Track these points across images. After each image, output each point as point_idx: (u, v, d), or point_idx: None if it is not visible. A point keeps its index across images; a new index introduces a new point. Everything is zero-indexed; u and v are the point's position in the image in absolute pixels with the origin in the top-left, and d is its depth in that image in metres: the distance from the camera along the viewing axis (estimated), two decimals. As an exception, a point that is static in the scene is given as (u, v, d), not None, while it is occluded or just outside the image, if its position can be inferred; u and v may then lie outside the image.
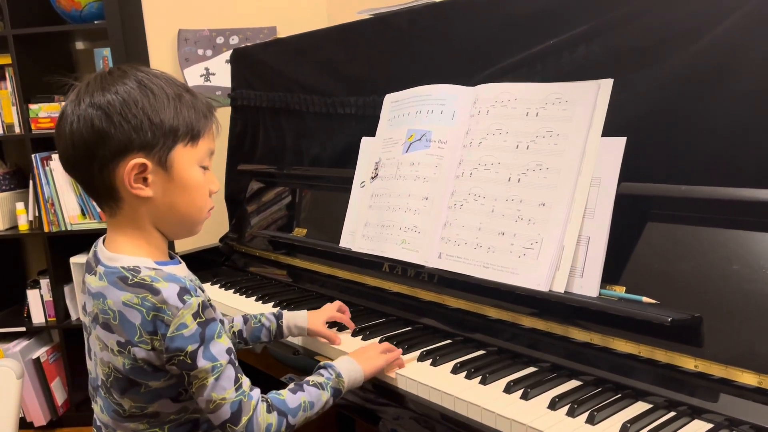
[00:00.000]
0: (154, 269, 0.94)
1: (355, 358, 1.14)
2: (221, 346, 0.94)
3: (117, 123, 0.90)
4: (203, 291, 0.97)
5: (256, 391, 0.97)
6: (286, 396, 1.01)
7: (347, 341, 1.34)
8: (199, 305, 0.92)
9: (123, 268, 0.93)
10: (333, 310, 1.38)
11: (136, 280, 0.92)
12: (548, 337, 1.17)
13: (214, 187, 1.01)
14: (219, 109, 2.74)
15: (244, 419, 0.94)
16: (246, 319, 1.30)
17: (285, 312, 1.35)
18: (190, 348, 0.90)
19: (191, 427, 1.01)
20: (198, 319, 0.91)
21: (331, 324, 1.39)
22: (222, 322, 0.98)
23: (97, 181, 0.93)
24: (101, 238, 1.02)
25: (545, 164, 1.20)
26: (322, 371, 1.09)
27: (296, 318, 1.33)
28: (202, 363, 0.91)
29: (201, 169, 0.98)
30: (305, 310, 1.36)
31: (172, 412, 0.98)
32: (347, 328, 1.39)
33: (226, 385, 0.93)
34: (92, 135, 0.90)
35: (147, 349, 0.91)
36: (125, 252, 0.96)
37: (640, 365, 1.04)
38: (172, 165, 0.94)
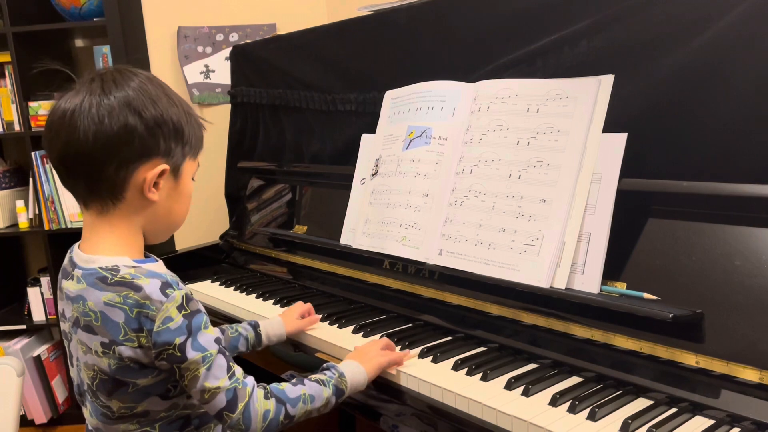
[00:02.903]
0: (134, 267, 0.93)
1: (356, 359, 1.14)
2: (209, 336, 0.93)
3: (151, 127, 0.92)
4: (184, 285, 0.96)
5: (251, 379, 0.98)
6: (286, 387, 1.02)
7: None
8: (182, 298, 0.91)
9: (101, 268, 0.93)
10: (301, 305, 1.43)
11: (116, 278, 0.91)
12: (549, 333, 1.17)
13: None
14: (219, 107, 2.75)
15: (241, 405, 0.94)
16: (222, 329, 1.29)
17: (261, 321, 1.35)
18: (178, 340, 0.90)
19: (182, 424, 1.00)
20: (183, 312, 0.91)
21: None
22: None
23: (106, 179, 0.92)
24: (75, 244, 1.01)
25: (546, 160, 1.20)
26: (325, 371, 1.10)
27: (273, 326, 1.35)
28: (191, 354, 0.91)
29: (192, 180, 1.03)
30: (279, 317, 1.38)
31: (162, 409, 0.97)
32: (347, 326, 1.39)
33: (218, 374, 0.93)
34: (122, 133, 0.90)
35: (133, 347, 0.90)
36: (102, 252, 0.95)
37: (642, 361, 1.04)
38: (181, 174, 0.99)
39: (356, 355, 1.17)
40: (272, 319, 1.38)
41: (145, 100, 0.92)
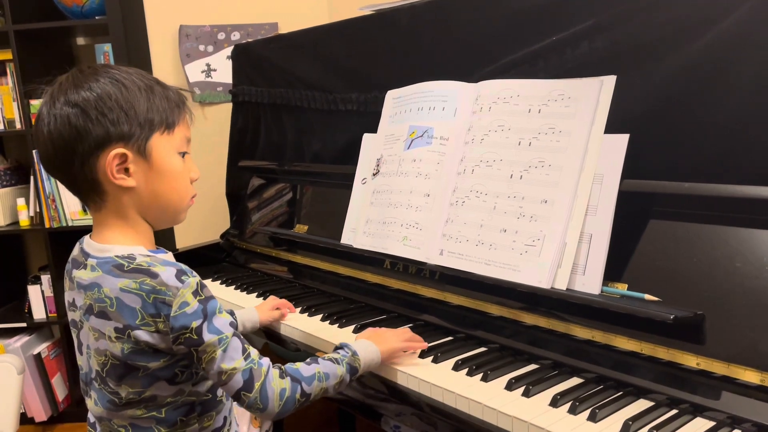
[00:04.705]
0: (149, 256, 0.97)
1: (370, 339, 1.17)
2: (224, 320, 0.96)
3: (94, 118, 0.92)
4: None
5: (266, 359, 1.00)
6: (300, 366, 1.04)
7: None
8: (197, 284, 0.94)
9: (117, 256, 0.96)
10: (274, 299, 1.53)
11: (132, 266, 0.94)
12: (550, 334, 1.17)
13: (195, 175, 1.04)
14: (220, 106, 2.75)
15: (257, 385, 0.96)
16: None
17: (237, 311, 1.43)
18: (195, 324, 0.93)
19: (187, 410, 1.02)
20: (198, 297, 0.94)
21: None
22: None
23: (80, 178, 0.95)
24: (86, 236, 1.03)
25: (547, 161, 1.20)
26: (338, 350, 1.12)
27: (249, 314, 1.44)
28: (208, 337, 0.93)
29: (180, 157, 1.01)
30: (253, 308, 1.48)
31: (169, 395, 0.99)
32: (348, 326, 1.40)
33: (234, 356, 0.96)
34: (70, 132, 0.92)
35: (150, 332, 0.93)
36: (116, 243, 0.98)
37: (642, 363, 1.04)
38: (151, 153, 0.97)
39: (370, 335, 1.19)
40: (248, 309, 1.46)
41: (86, 93, 0.93)
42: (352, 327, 1.39)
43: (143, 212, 1.00)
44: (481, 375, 1.12)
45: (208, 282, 1.85)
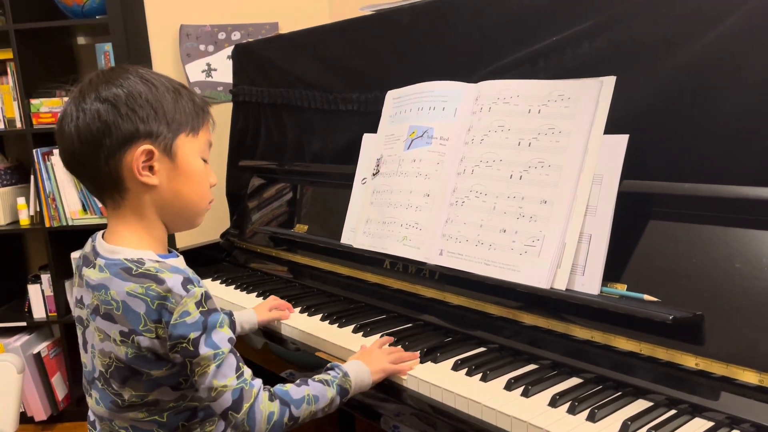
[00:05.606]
0: (158, 261, 0.96)
1: (362, 360, 1.16)
2: (223, 334, 0.96)
3: (124, 113, 0.93)
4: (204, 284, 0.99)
5: (258, 381, 0.99)
6: (290, 388, 1.03)
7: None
8: (202, 295, 0.94)
9: (126, 259, 0.95)
10: (273, 299, 1.54)
11: (140, 270, 0.94)
12: (549, 334, 1.17)
13: (213, 180, 1.05)
14: (220, 105, 2.75)
15: (246, 406, 0.95)
16: None
17: (235, 311, 1.42)
18: (193, 335, 0.92)
19: (189, 416, 1.02)
20: (201, 308, 0.93)
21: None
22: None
23: (103, 173, 0.95)
24: (98, 233, 1.03)
25: (547, 161, 1.20)
26: (328, 371, 1.11)
27: (247, 315, 1.44)
28: (204, 350, 0.93)
29: (202, 160, 1.02)
30: (251, 309, 1.48)
31: (171, 399, 0.99)
32: (347, 325, 1.40)
33: (227, 373, 0.95)
34: (99, 126, 0.93)
35: (151, 338, 0.92)
36: (128, 245, 0.98)
37: (641, 363, 1.04)
38: (176, 153, 0.98)
39: (361, 356, 1.18)
40: (246, 310, 1.46)
41: (117, 90, 0.94)
42: (352, 327, 1.39)
43: (162, 212, 1.00)
44: (480, 375, 1.12)
45: (207, 282, 1.86)
